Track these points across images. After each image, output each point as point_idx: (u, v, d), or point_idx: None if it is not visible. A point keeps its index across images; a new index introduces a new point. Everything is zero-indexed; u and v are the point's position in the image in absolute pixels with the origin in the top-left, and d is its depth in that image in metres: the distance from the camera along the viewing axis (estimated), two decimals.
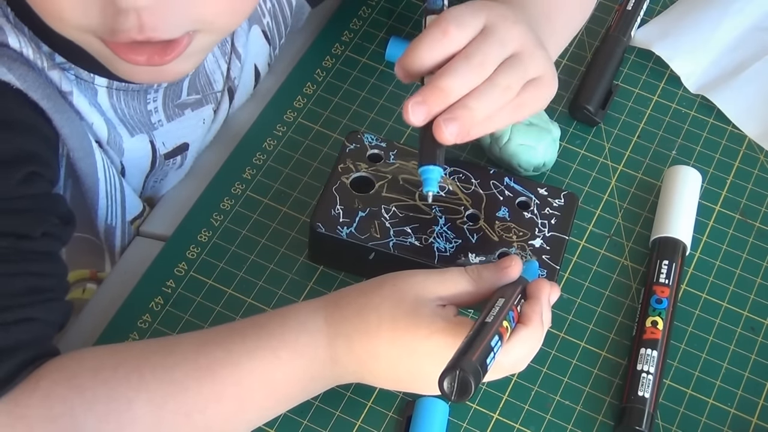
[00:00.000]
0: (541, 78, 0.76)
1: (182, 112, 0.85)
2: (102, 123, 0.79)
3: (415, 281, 0.72)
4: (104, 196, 0.81)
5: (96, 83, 0.77)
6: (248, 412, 0.72)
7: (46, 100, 0.73)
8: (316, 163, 0.90)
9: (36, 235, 0.70)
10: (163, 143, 0.85)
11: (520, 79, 0.74)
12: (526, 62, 0.75)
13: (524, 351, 0.70)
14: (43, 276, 0.71)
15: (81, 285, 0.88)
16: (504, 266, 0.73)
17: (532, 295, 0.72)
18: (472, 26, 0.74)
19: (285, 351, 0.71)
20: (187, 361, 0.70)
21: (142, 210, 0.87)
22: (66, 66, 0.75)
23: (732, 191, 0.91)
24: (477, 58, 0.73)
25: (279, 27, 0.92)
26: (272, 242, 0.85)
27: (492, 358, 0.65)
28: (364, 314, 0.71)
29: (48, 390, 0.68)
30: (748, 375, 0.82)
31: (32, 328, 0.69)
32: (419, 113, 0.72)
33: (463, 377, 0.63)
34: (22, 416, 0.67)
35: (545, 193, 0.84)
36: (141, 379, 0.69)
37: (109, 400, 0.68)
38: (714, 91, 0.95)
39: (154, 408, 0.69)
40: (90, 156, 0.78)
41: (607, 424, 0.79)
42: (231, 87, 0.89)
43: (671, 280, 0.83)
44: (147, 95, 0.81)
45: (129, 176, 0.85)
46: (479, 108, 0.72)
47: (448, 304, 0.71)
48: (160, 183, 0.89)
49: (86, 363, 0.70)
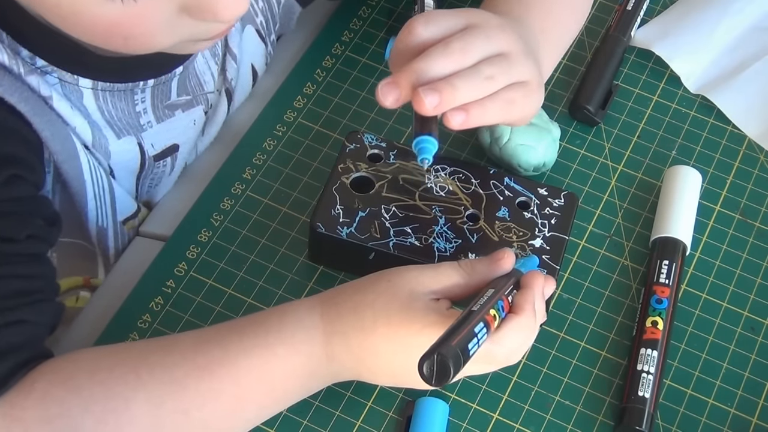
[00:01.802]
0: (528, 83, 0.76)
1: (172, 113, 0.84)
2: (86, 126, 0.78)
3: (409, 277, 0.72)
4: (92, 198, 0.81)
5: (81, 85, 0.77)
6: (247, 410, 0.72)
7: (23, 104, 0.72)
8: (316, 163, 0.90)
9: (20, 237, 0.70)
10: (152, 145, 0.84)
11: (505, 75, 0.74)
12: (513, 63, 0.75)
13: (517, 341, 0.70)
14: (30, 278, 0.70)
15: (74, 293, 0.87)
16: (497, 259, 0.73)
17: (525, 285, 0.72)
18: (442, 25, 0.74)
19: (282, 348, 0.71)
20: (185, 360, 0.70)
21: (136, 210, 0.87)
22: (48, 69, 0.74)
23: (732, 191, 0.91)
24: (456, 44, 0.73)
25: (269, 25, 0.92)
26: (272, 242, 0.85)
27: (476, 345, 0.65)
28: (359, 311, 0.71)
29: (44, 392, 0.67)
30: (748, 375, 0.82)
31: (23, 330, 0.69)
32: (389, 93, 0.72)
33: (441, 361, 0.63)
34: (18, 419, 0.67)
35: (545, 193, 0.84)
36: (138, 378, 0.69)
37: (106, 400, 0.68)
38: (714, 91, 0.95)
39: (152, 407, 0.69)
40: (74, 158, 0.77)
41: (607, 424, 0.79)
42: (229, 89, 0.89)
43: (671, 280, 0.83)
44: (134, 95, 0.80)
45: (119, 179, 0.84)
46: (462, 87, 0.72)
47: (442, 298, 0.72)
48: (154, 189, 0.89)
49: (83, 364, 0.70)
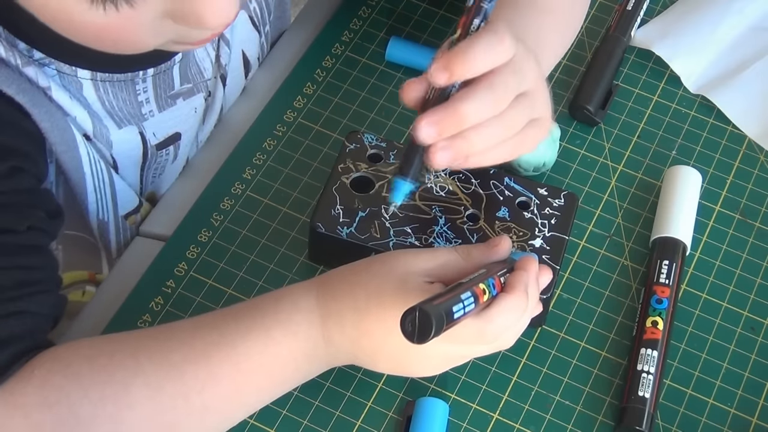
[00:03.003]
0: (541, 119, 0.74)
1: (174, 102, 0.85)
2: (86, 116, 0.78)
3: (405, 259, 0.72)
4: (92, 191, 0.81)
5: (79, 76, 0.77)
6: (246, 394, 0.72)
7: (22, 95, 0.72)
8: (316, 163, 0.90)
9: (21, 229, 0.70)
10: (154, 134, 0.85)
11: (526, 119, 0.73)
12: (535, 102, 0.73)
13: (508, 319, 0.70)
14: (31, 269, 0.70)
15: (80, 287, 0.88)
16: (494, 245, 0.74)
17: (518, 268, 0.73)
18: (513, 47, 0.70)
19: (278, 330, 0.71)
20: (183, 345, 0.71)
21: (138, 205, 0.87)
22: (45, 61, 0.75)
23: (732, 191, 0.91)
24: (500, 90, 0.70)
25: (263, 14, 0.92)
26: (272, 242, 0.85)
27: (461, 309, 0.65)
28: (354, 292, 0.72)
29: (43, 379, 0.68)
30: (748, 375, 0.82)
31: (24, 320, 0.69)
32: (431, 133, 0.69)
33: (424, 318, 0.63)
34: (18, 405, 0.67)
35: (545, 193, 0.84)
36: (137, 364, 0.69)
37: (105, 385, 0.68)
38: (714, 91, 0.95)
39: (152, 392, 0.69)
40: (73, 150, 0.78)
41: (607, 424, 0.79)
42: (223, 74, 0.89)
43: (671, 280, 0.83)
44: (135, 85, 0.81)
45: (123, 169, 0.84)
46: (478, 143, 0.70)
47: (436, 281, 0.71)
48: (159, 178, 0.89)
49: (82, 351, 0.70)
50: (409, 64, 0.95)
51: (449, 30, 0.98)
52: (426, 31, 0.98)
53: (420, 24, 0.98)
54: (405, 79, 0.93)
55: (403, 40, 0.96)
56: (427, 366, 0.74)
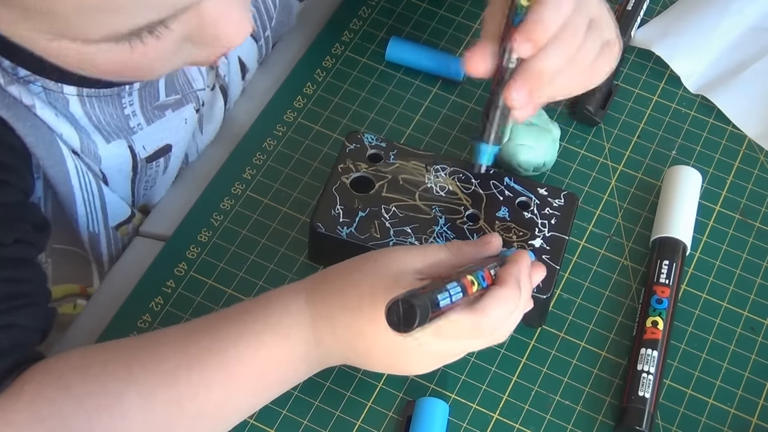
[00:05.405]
0: (610, 41, 0.77)
1: (163, 114, 0.84)
2: (72, 132, 0.77)
3: (395, 256, 0.72)
4: (82, 203, 0.80)
5: (65, 92, 0.76)
6: (239, 399, 0.72)
7: (5, 110, 0.72)
8: (316, 163, 0.90)
9: (7, 242, 0.69)
10: (144, 147, 0.83)
11: (599, 46, 0.75)
12: (602, 26, 0.76)
13: (500, 312, 0.70)
14: (18, 282, 0.70)
15: (71, 300, 0.87)
16: (485, 241, 0.74)
17: (510, 261, 0.73)
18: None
19: (268, 334, 0.71)
20: (175, 352, 0.70)
21: (130, 215, 0.86)
22: (31, 78, 0.74)
23: (732, 191, 0.91)
24: (571, 36, 0.73)
25: (263, 18, 0.92)
26: (272, 242, 0.85)
27: (447, 298, 0.65)
28: (345, 292, 0.71)
29: (35, 393, 0.67)
30: (748, 375, 0.82)
31: (12, 334, 0.68)
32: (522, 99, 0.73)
33: (409, 306, 0.63)
34: (9, 421, 0.66)
35: (545, 193, 0.84)
36: (130, 373, 0.69)
37: (98, 396, 0.68)
38: (714, 91, 0.95)
39: (145, 401, 0.68)
40: (61, 164, 0.77)
41: (607, 424, 0.79)
42: (223, 85, 0.89)
43: (671, 280, 0.83)
44: (121, 99, 0.79)
45: (113, 183, 0.83)
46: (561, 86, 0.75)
47: (428, 279, 0.71)
48: (150, 190, 0.88)
49: (73, 362, 0.69)
50: (409, 64, 0.95)
51: (449, 30, 0.98)
52: (426, 31, 0.98)
53: (420, 24, 0.98)
54: (405, 79, 0.94)
55: (403, 40, 0.96)
56: (422, 363, 0.73)
